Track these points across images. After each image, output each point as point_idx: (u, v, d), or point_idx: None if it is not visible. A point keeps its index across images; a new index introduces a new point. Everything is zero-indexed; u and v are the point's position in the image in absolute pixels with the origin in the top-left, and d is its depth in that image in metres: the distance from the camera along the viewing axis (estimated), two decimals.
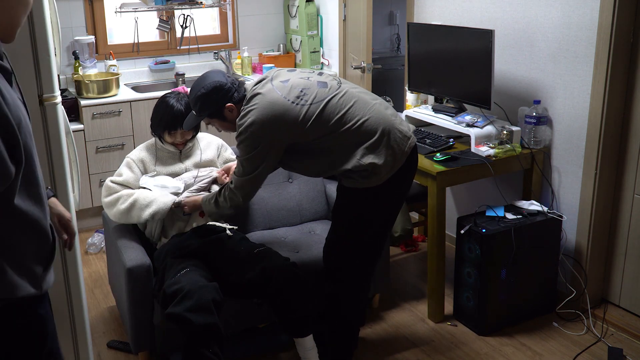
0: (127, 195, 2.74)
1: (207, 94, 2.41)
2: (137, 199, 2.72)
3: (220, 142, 3.03)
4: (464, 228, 2.95)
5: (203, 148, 2.94)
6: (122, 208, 2.72)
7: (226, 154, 3.02)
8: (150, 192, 2.75)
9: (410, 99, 3.78)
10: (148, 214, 2.69)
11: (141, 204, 2.70)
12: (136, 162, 2.83)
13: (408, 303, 3.30)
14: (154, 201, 2.70)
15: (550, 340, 2.97)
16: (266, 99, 2.34)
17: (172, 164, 2.86)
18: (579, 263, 3.15)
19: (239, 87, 2.46)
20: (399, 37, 5.68)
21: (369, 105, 2.39)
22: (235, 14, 4.87)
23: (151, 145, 2.88)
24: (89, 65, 4.32)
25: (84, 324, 2.34)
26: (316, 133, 2.36)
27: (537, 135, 3.16)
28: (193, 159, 2.89)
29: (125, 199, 2.74)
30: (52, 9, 2.16)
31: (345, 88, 2.42)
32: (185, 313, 2.33)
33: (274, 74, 2.47)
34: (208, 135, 3.03)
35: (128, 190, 2.77)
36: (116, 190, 2.77)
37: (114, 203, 2.76)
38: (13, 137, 1.29)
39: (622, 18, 2.81)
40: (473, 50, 3.16)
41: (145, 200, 2.70)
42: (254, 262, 2.57)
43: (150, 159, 2.84)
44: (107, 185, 2.80)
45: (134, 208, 2.71)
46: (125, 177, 2.79)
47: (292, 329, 2.60)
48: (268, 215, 3.20)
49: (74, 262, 2.27)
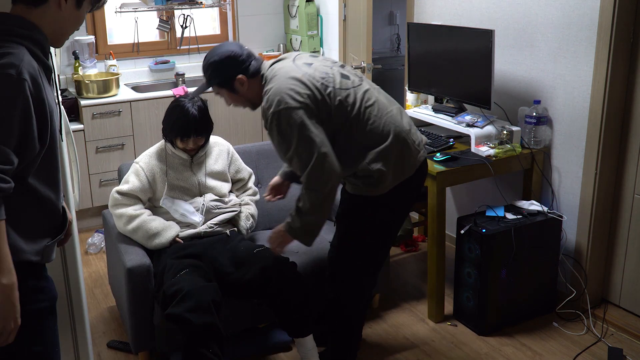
0: (131, 217, 2.72)
1: (219, 62, 2.30)
2: (140, 227, 2.70)
3: (231, 150, 2.98)
4: (464, 228, 2.95)
5: (215, 157, 2.89)
6: (127, 229, 2.72)
7: (236, 164, 2.98)
8: (155, 221, 2.72)
9: (410, 99, 3.78)
10: (153, 245, 2.70)
11: (145, 232, 2.70)
12: (145, 170, 2.77)
13: (408, 303, 3.30)
14: (157, 234, 2.69)
15: (550, 340, 2.97)
16: (289, 75, 2.20)
17: (183, 171, 2.80)
18: (579, 263, 3.15)
19: (255, 61, 2.34)
20: (399, 37, 5.68)
21: (386, 109, 2.31)
22: (235, 14, 4.87)
23: (161, 151, 2.82)
24: (89, 65, 4.32)
25: (84, 324, 2.34)
26: (338, 118, 2.23)
27: (537, 135, 3.16)
28: (204, 169, 2.84)
29: (128, 219, 2.72)
30: None
31: (366, 86, 2.33)
32: (185, 313, 2.33)
33: (296, 55, 2.35)
34: (219, 139, 2.98)
35: (132, 211, 2.73)
36: (122, 203, 2.74)
37: (119, 217, 2.75)
38: (44, 120, 1.52)
39: (622, 18, 2.81)
40: (473, 50, 3.16)
41: (149, 232, 2.70)
42: (254, 262, 2.57)
43: (161, 167, 2.78)
44: (113, 196, 2.77)
45: (136, 234, 2.70)
46: (131, 185, 2.75)
47: (292, 329, 2.60)
48: (268, 215, 3.19)
49: (74, 262, 2.26)
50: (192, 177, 2.81)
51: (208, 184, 2.83)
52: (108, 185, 4.13)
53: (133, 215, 2.72)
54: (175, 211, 2.75)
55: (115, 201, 2.76)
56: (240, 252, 2.67)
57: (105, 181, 4.13)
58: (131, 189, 2.75)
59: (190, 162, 2.82)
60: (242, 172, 3.00)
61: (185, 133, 2.72)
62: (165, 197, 2.76)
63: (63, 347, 2.25)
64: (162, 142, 2.84)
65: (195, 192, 2.81)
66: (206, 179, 2.83)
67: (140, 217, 2.71)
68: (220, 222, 2.81)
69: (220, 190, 2.86)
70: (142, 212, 2.74)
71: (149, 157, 2.82)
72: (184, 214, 2.75)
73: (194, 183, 2.81)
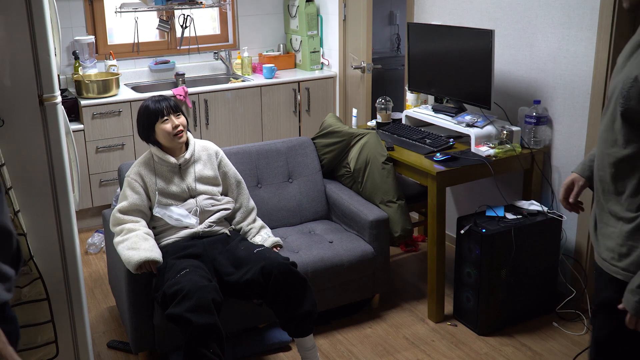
0: (129, 230, 2.64)
1: None
2: (130, 237, 2.61)
3: (217, 151, 2.94)
4: (464, 228, 2.95)
5: (204, 162, 2.86)
6: (117, 239, 2.64)
7: (224, 168, 2.92)
8: (142, 238, 2.60)
9: (410, 99, 3.78)
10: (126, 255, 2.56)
11: (131, 243, 2.58)
12: (138, 181, 2.74)
13: (408, 303, 3.30)
14: (136, 248, 2.56)
15: (550, 340, 2.97)
16: None
17: (172, 178, 2.77)
18: (579, 263, 3.15)
19: None
20: (399, 37, 5.69)
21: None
22: (235, 14, 4.88)
23: (148, 160, 2.79)
24: (89, 65, 4.32)
25: (84, 324, 2.34)
26: None
27: (537, 135, 3.16)
28: (194, 174, 2.81)
29: (125, 233, 2.64)
30: (52, 9, 2.16)
31: None
32: (185, 313, 2.33)
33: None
34: (208, 144, 2.94)
35: (131, 225, 2.66)
36: (123, 222, 2.68)
37: (118, 233, 2.67)
38: None
39: (622, 18, 2.81)
40: (473, 50, 3.16)
41: (134, 245, 2.57)
42: (254, 262, 2.58)
43: (148, 174, 2.76)
44: (115, 216, 2.70)
45: (123, 241, 2.61)
46: (130, 200, 2.71)
47: (292, 329, 2.60)
48: (268, 215, 3.20)
49: (74, 262, 2.27)
50: (181, 183, 2.79)
51: (198, 189, 2.81)
52: (108, 185, 4.13)
53: (132, 229, 2.65)
54: (170, 217, 2.73)
55: (117, 220, 2.69)
56: (240, 252, 2.67)
57: (105, 181, 4.13)
58: (132, 203, 2.70)
59: (178, 168, 2.79)
60: (230, 174, 2.95)
61: (161, 112, 2.72)
62: (157, 206, 2.74)
63: (63, 347, 2.26)
64: (148, 151, 2.82)
65: (186, 196, 2.79)
66: (196, 184, 2.81)
67: (133, 234, 2.62)
68: (217, 219, 2.81)
69: (212, 193, 2.85)
70: (141, 228, 2.67)
71: (137, 167, 2.78)
72: (179, 219, 2.74)
73: (183, 189, 2.78)
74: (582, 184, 2.03)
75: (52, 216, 2.18)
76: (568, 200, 2.05)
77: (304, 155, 3.40)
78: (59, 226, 2.20)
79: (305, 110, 4.68)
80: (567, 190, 2.06)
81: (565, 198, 2.06)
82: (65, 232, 2.22)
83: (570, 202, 2.05)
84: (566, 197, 2.06)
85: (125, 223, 2.67)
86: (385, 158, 3.18)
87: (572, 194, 2.04)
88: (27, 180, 2.10)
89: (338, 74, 4.66)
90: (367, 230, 3.06)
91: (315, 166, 3.40)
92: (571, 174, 2.06)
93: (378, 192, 3.18)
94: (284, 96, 4.59)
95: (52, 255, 2.21)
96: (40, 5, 2.02)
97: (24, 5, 1.99)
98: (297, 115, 4.67)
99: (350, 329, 3.06)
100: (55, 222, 2.19)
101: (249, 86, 4.47)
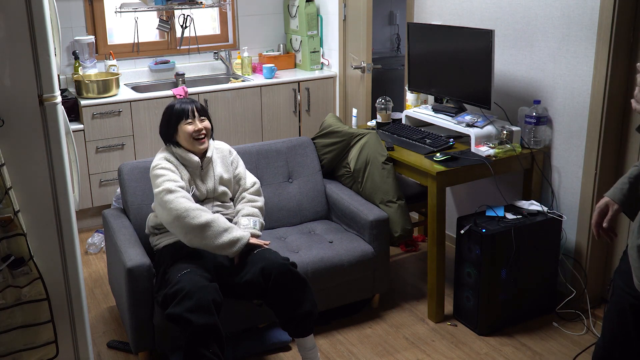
0: (201, 210, 2.56)
1: None
2: (213, 221, 2.55)
3: (233, 153, 2.93)
4: (464, 228, 2.95)
5: (220, 163, 2.84)
6: (194, 223, 2.52)
7: (237, 170, 2.91)
8: (221, 218, 2.59)
9: (410, 99, 3.78)
10: (227, 239, 2.55)
11: (219, 226, 2.54)
12: (171, 167, 2.68)
13: (408, 303, 3.30)
14: (231, 229, 2.56)
15: (550, 340, 2.97)
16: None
17: (194, 179, 2.74)
18: (579, 263, 3.15)
19: None
20: (399, 37, 5.69)
21: None
22: (235, 14, 4.88)
23: (169, 156, 2.73)
24: (89, 65, 4.32)
25: (84, 324, 2.34)
26: None
27: (537, 135, 3.16)
28: (213, 177, 2.79)
29: (197, 213, 2.54)
30: (52, 9, 2.16)
31: None
32: (186, 313, 2.33)
33: None
34: (221, 144, 2.93)
35: (199, 207, 2.59)
36: (179, 197, 2.56)
37: (183, 212, 2.53)
38: None
39: (622, 18, 2.81)
40: (473, 50, 3.16)
41: (224, 225, 2.55)
42: (254, 263, 2.58)
43: (177, 165, 2.72)
44: (164, 199, 2.56)
45: (207, 228, 2.53)
46: (176, 177, 2.63)
47: (292, 329, 2.60)
48: (268, 215, 3.20)
49: (74, 262, 2.27)
50: (202, 185, 2.76)
51: (219, 190, 2.81)
52: (108, 185, 4.13)
53: (201, 209, 2.57)
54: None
55: (169, 203, 2.55)
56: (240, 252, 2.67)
57: (105, 181, 4.13)
58: (179, 182, 2.63)
59: (199, 171, 2.77)
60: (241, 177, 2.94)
61: (186, 113, 2.70)
62: None
63: (63, 347, 2.26)
64: (163, 148, 2.79)
65: (202, 198, 2.77)
66: (217, 185, 2.80)
67: (213, 215, 2.57)
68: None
69: (227, 195, 2.84)
70: (208, 211, 2.61)
71: (163, 157, 2.72)
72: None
73: (208, 189, 2.77)
74: (617, 208, 1.88)
75: (52, 216, 2.18)
76: (601, 224, 1.89)
77: (304, 155, 3.40)
78: (58, 226, 2.20)
79: (305, 110, 4.68)
80: (600, 214, 1.90)
81: (598, 223, 1.90)
82: (65, 232, 2.22)
83: (604, 227, 1.89)
84: (599, 222, 1.89)
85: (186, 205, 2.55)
86: (385, 158, 3.18)
87: (607, 218, 1.89)
88: (27, 180, 2.10)
89: (338, 74, 4.66)
90: (367, 230, 3.06)
91: (315, 166, 3.40)
92: (604, 197, 1.91)
93: (378, 192, 3.18)
94: (284, 96, 4.59)
95: (52, 255, 2.21)
96: (40, 5, 2.01)
97: (24, 5, 1.99)
98: (297, 115, 4.67)
99: (350, 329, 3.06)
100: (55, 222, 2.19)
101: (249, 86, 4.47)
